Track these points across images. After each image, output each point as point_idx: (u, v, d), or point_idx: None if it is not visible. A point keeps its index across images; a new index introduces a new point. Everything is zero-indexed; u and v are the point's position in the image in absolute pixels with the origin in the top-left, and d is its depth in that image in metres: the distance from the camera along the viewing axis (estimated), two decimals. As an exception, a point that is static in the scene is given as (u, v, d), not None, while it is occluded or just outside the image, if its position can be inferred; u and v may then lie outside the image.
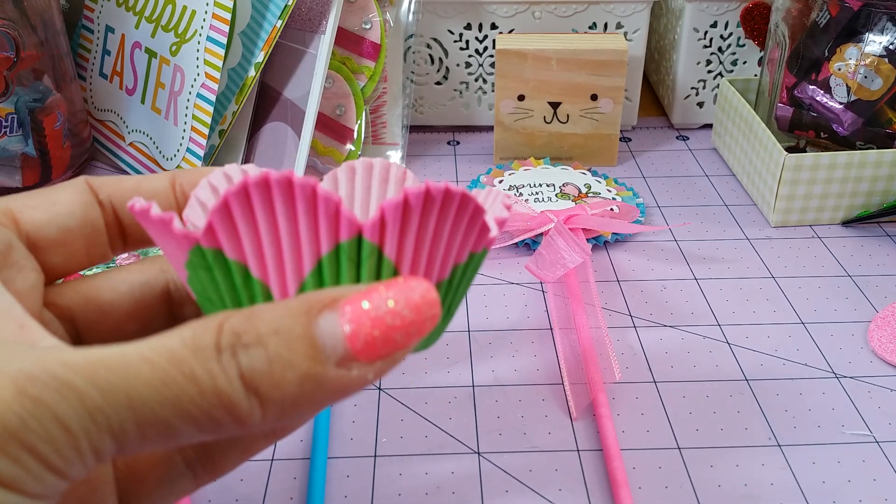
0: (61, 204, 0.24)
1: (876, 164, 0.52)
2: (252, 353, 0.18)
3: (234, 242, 0.20)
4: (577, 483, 0.36)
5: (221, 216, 0.20)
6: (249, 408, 0.18)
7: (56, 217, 0.24)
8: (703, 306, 0.47)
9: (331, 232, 0.20)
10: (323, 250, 0.20)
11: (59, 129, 0.57)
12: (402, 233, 0.20)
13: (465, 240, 0.21)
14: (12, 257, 0.23)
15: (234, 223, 0.20)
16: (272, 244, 0.20)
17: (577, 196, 0.56)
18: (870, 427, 0.39)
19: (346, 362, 0.19)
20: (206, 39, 0.54)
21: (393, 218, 0.20)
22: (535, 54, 0.58)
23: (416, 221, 0.20)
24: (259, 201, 0.20)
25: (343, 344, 0.18)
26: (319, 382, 0.18)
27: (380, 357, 0.19)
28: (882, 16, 0.51)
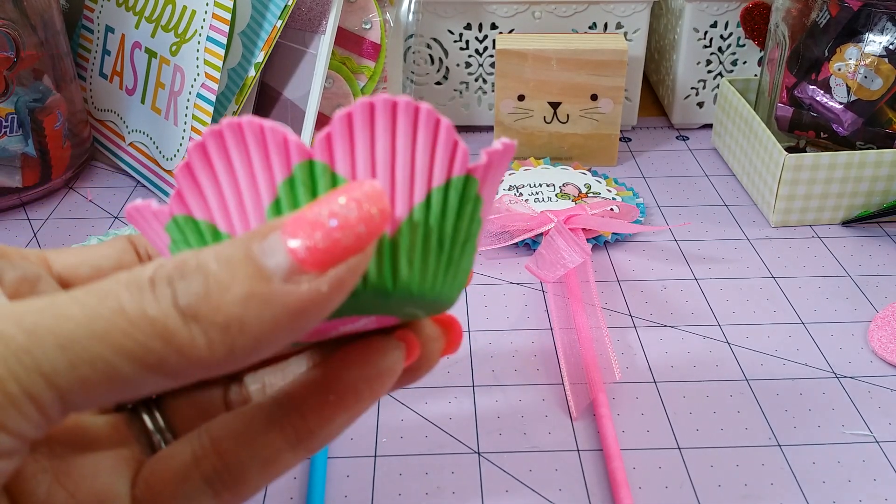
0: (94, 250, 0.25)
1: (876, 164, 0.52)
2: (189, 280, 0.17)
3: (199, 201, 0.20)
4: (578, 483, 0.36)
5: (185, 176, 0.20)
6: (189, 335, 0.17)
7: (89, 258, 0.24)
8: (704, 306, 0.47)
9: (283, 162, 0.19)
10: (278, 178, 0.19)
11: (59, 129, 0.57)
12: (352, 147, 0.19)
13: (432, 158, 0.20)
14: (40, 287, 0.23)
15: (197, 180, 0.20)
16: (233, 193, 0.20)
17: (578, 196, 0.56)
18: (870, 427, 0.39)
19: (294, 276, 0.17)
20: (206, 39, 0.54)
21: (340, 132, 0.19)
22: (535, 54, 0.58)
23: (366, 134, 0.19)
24: (216, 151, 0.19)
25: (285, 256, 0.17)
26: (266, 300, 0.17)
27: (329, 264, 0.18)
28: (882, 16, 0.51)
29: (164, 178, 0.57)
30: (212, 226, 0.20)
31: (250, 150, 0.19)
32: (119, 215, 0.56)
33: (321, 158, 0.19)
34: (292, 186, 0.19)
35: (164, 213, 0.20)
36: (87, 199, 0.58)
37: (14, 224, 0.55)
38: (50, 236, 0.54)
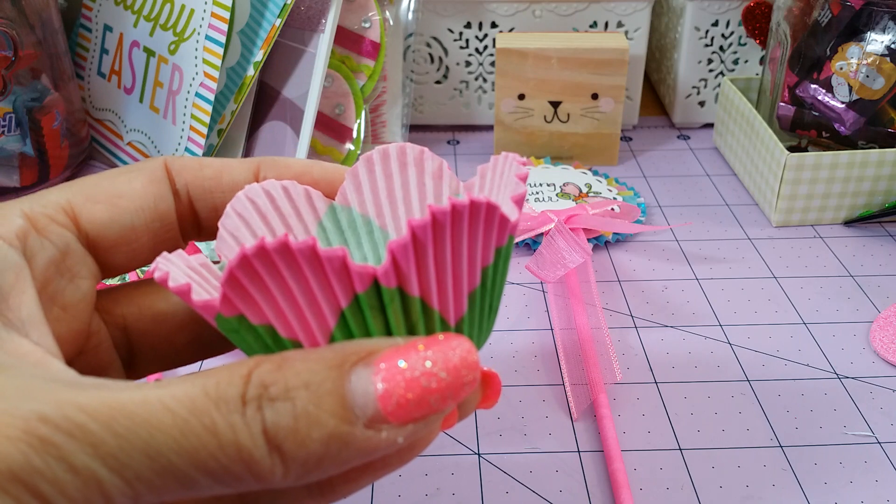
0: (128, 198, 0.23)
1: (878, 164, 0.52)
2: (278, 408, 0.17)
3: (253, 308, 0.19)
4: (578, 484, 0.36)
5: (233, 287, 0.19)
6: (271, 465, 0.17)
7: (121, 215, 0.23)
8: (705, 306, 0.47)
9: (344, 287, 0.19)
10: (342, 304, 0.19)
11: (58, 129, 0.57)
12: (420, 267, 0.19)
13: (486, 243, 0.20)
14: (67, 262, 0.22)
15: (248, 291, 0.19)
16: (291, 306, 0.19)
17: (578, 196, 0.56)
18: (872, 428, 0.38)
19: (376, 423, 0.18)
20: (205, 38, 0.54)
21: (404, 257, 0.19)
22: (536, 53, 0.58)
23: (429, 251, 0.19)
24: (264, 269, 0.19)
25: (374, 404, 0.18)
26: (346, 443, 0.17)
27: (412, 420, 0.18)
28: (884, 15, 0.51)
29: (163, 177, 0.57)
30: (270, 328, 0.20)
31: (305, 272, 0.19)
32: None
33: (387, 284, 0.19)
34: (360, 309, 0.19)
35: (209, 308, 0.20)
36: (85, 199, 0.58)
37: (12, 224, 0.55)
38: (48, 236, 0.54)
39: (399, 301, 0.19)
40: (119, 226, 0.23)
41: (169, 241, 0.24)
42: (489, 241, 0.20)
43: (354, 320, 0.19)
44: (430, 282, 0.19)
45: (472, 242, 0.20)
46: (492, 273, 0.21)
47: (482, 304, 0.21)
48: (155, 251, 0.24)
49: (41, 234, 0.21)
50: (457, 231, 0.19)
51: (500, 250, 0.21)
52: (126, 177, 0.23)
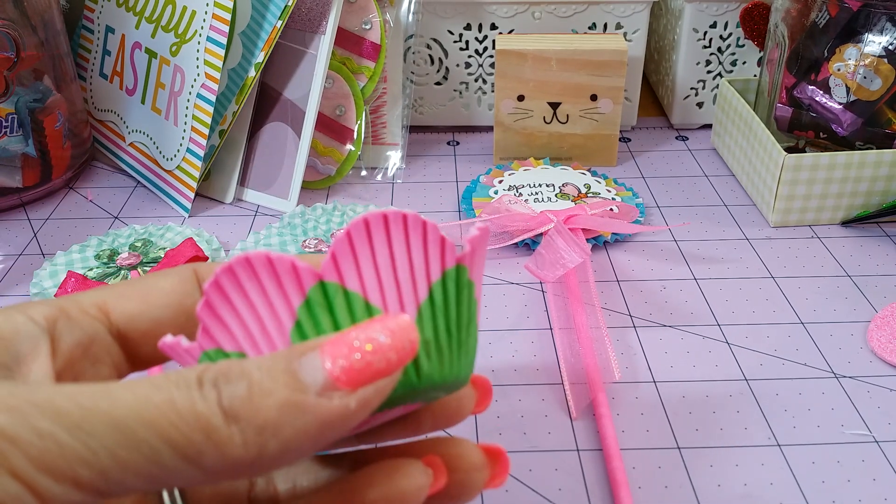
0: (157, 294, 0.25)
1: (875, 165, 0.52)
2: (233, 385, 0.19)
3: (226, 334, 0.22)
4: (577, 483, 0.36)
5: (208, 313, 0.21)
6: (229, 433, 0.18)
7: (150, 309, 0.25)
8: (703, 306, 0.47)
9: (296, 287, 0.21)
10: (295, 304, 0.21)
11: (60, 130, 0.58)
12: (357, 262, 0.21)
13: (427, 257, 0.22)
14: (93, 350, 0.24)
15: (220, 316, 0.21)
16: (256, 322, 0.21)
17: (577, 196, 0.56)
18: (869, 427, 0.39)
19: (327, 390, 0.19)
20: (207, 40, 0.54)
21: (342, 251, 0.21)
22: (535, 55, 0.58)
23: (365, 250, 0.21)
24: (231, 286, 0.21)
25: (323, 373, 0.19)
26: (300, 409, 0.19)
27: (360, 384, 0.19)
28: (881, 16, 0.51)
29: (165, 178, 0.57)
30: (242, 354, 0.22)
31: (263, 281, 0.21)
32: (119, 215, 0.56)
33: (331, 278, 0.21)
34: (310, 309, 0.21)
35: (195, 349, 0.22)
36: (87, 200, 0.58)
37: (14, 224, 0.55)
38: (50, 236, 0.54)
39: (342, 297, 0.21)
40: (148, 319, 0.25)
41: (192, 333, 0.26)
42: (430, 256, 0.22)
43: (307, 323, 0.21)
44: (370, 279, 0.21)
45: (410, 252, 0.22)
46: (442, 293, 0.22)
47: (435, 323, 0.22)
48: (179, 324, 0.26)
49: (71, 321, 0.23)
50: (389, 236, 0.21)
51: (447, 272, 0.22)
52: (157, 278, 0.26)
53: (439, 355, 0.22)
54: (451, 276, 0.23)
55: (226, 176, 0.58)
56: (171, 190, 0.57)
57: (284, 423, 0.19)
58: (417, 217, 0.22)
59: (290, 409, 0.19)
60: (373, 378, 0.20)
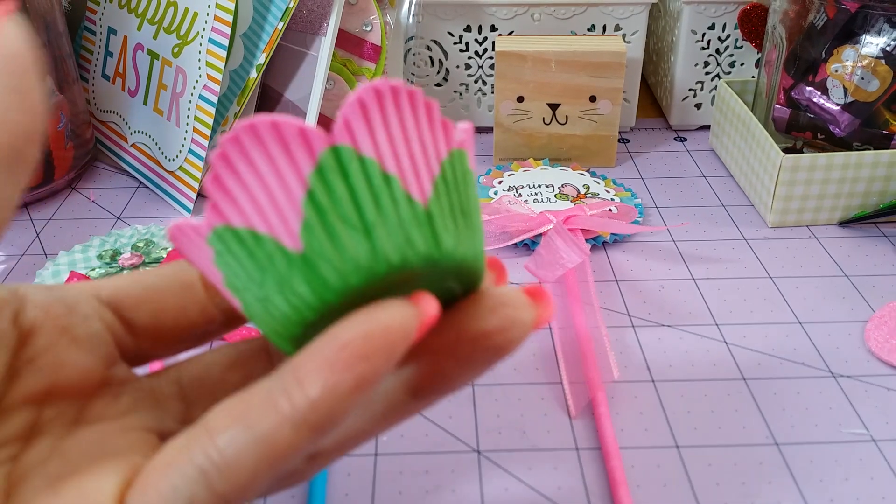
0: (149, 271, 0.25)
1: (873, 165, 0.52)
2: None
3: (234, 208, 0.20)
4: (577, 481, 0.36)
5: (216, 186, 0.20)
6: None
7: (143, 278, 0.25)
8: (701, 306, 0.47)
9: (306, 151, 0.20)
10: (306, 171, 0.20)
11: (62, 130, 0.58)
12: (370, 129, 0.20)
13: (433, 134, 0.21)
14: (79, 308, 0.24)
15: (227, 188, 0.20)
16: (265, 193, 0.20)
17: (576, 197, 0.56)
18: (867, 426, 0.39)
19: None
20: (208, 41, 0.54)
21: (354, 116, 0.20)
22: (535, 56, 0.59)
23: (377, 116, 0.20)
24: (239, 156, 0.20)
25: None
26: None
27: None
28: (879, 17, 0.52)
29: (167, 178, 0.58)
30: (251, 230, 0.20)
31: (270, 148, 0.20)
32: (121, 216, 0.56)
33: (344, 141, 0.20)
34: (322, 175, 0.20)
35: (203, 227, 0.21)
36: (89, 200, 0.58)
37: (17, 224, 0.56)
38: (53, 236, 0.54)
39: (357, 162, 0.20)
40: (140, 287, 0.25)
41: (196, 302, 0.25)
42: (435, 133, 0.21)
43: (320, 191, 0.20)
44: (382, 145, 0.20)
45: (417, 124, 0.21)
46: (451, 171, 0.21)
47: (449, 197, 0.21)
48: (181, 311, 0.25)
49: (50, 289, 0.24)
50: (399, 106, 0.20)
51: (454, 152, 0.22)
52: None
53: (456, 230, 0.21)
54: (456, 157, 0.22)
55: (227, 177, 0.58)
56: (173, 190, 0.57)
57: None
58: (422, 94, 0.21)
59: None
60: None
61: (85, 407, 0.23)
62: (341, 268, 0.20)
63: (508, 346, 0.22)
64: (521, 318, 0.22)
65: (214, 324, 0.26)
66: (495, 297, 0.22)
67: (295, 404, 0.19)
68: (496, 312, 0.22)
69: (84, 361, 0.23)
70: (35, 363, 0.23)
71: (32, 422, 0.22)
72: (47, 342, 0.23)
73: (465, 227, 0.22)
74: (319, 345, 0.20)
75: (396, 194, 0.20)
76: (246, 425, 0.19)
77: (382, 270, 0.20)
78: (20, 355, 0.22)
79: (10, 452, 0.22)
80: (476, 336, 0.22)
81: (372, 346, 0.19)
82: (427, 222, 0.21)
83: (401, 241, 0.20)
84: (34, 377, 0.22)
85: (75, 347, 0.23)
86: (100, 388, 0.24)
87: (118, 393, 0.24)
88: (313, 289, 0.20)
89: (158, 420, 0.24)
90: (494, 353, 0.22)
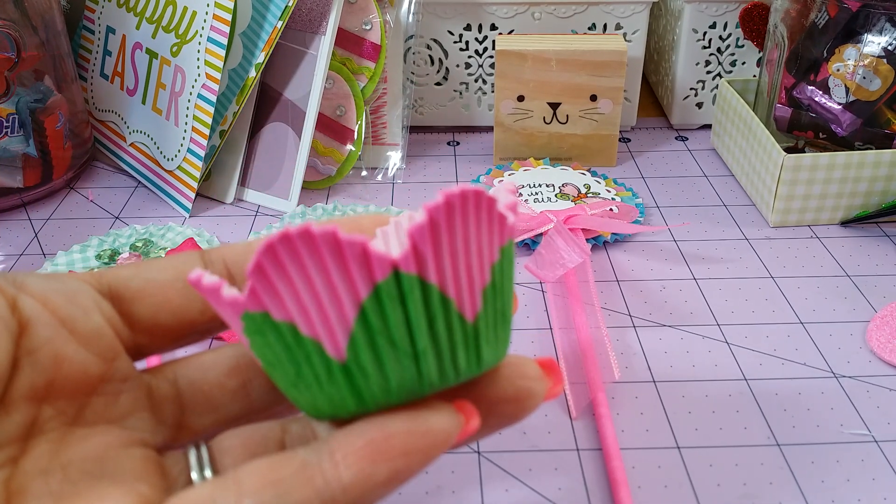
0: (152, 263, 0.25)
1: (874, 165, 0.52)
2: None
3: (277, 302, 0.20)
4: (577, 482, 0.36)
5: (259, 277, 0.19)
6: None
7: (144, 271, 0.25)
8: (702, 306, 0.47)
9: (365, 276, 0.19)
10: (362, 295, 0.19)
11: (61, 130, 0.58)
12: (437, 253, 0.19)
13: (490, 237, 0.21)
14: (79, 298, 0.23)
15: (272, 283, 0.19)
16: (312, 298, 0.19)
17: (577, 196, 0.56)
18: (868, 426, 0.39)
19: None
20: (207, 40, 0.54)
21: (422, 241, 0.19)
22: (535, 55, 0.58)
23: (445, 236, 0.19)
24: (288, 257, 0.19)
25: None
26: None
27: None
28: (881, 16, 0.52)
29: (165, 178, 0.58)
30: (292, 326, 0.20)
31: (326, 260, 0.19)
32: (120, 215, 0.56)
33: (408, 270, 0.19)
34: (380, 300, 0.19)
35: (239, 305, 0.20)
36: (88, 200, 0.58)
37: (15, 224, 0.55)
38: (51, 236, 0.54)
39: (419, 290, 0.19)
40: (142, 279, 0.25)
41: (197, 300, 0.25)
42: (492, 235, 0.21)
43: (374, 314, 0.19)
44: (446, 269, 0.20)
45: (478, 233, 0.20)
46: (499, 272, 0.21)
47: (495, 304, 0.21)
48: (182, 307, 0.25)
49: (49, 278, 0.23)
50: (465, 218, 0.20)
51: (504, 249, 0.21)
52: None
53: (496, 339, 0.21)
54: (506, 254, 0.22)
55: (226, 176, 0.58)
56: (172, 190, 0.57)
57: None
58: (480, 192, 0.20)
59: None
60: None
61: (84, 406, 0.23)
62: (385, 387, 0.20)
63: (519, 415, 0.23)
64: (536, 391, 0.24)
65: (215, 322, 0.25)
66: (513, 367, 0.24)
67: (328, 483, 0.20)
68: (514, 383, 0.23)
69: (84, 356, 0.23)
70: (34, 356, 0.22)
71: (31, 420, 0.22)
72: (47, 335, 0.22)
73: (503, 331, 0.22)
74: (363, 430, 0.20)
75: (451, 318, 0.20)
76: (277, 493, 0.20)
77: (425, 392, 0.20)
78: (20, 345, 0.22)
79: (10, 454, 0.21)
80: (492, 402, 0.23)
81: (413, 444, 0.20)
82: (473, 339, 0.21)
83: (447, 364, 0.20)
84: (34, 371, 0.22)
85: (75, 341, 0.23)
86: (100, 385, 0.23)
87: (118, 391, 0.24)
88: (354, 396, 0.20)
89: (155, 426, 0.24)
90: (506, 420, 0.23)
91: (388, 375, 0.20)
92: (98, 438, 0.22)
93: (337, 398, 0.20)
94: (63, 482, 0.21)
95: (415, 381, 0.20)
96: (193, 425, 0.25)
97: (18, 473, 0.21)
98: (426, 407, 0.21)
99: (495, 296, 0.21)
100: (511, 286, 0.23)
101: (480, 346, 0.21)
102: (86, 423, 0.23)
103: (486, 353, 0.21)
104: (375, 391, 0.20)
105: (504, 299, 0.22)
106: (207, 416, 0.25)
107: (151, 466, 0.23)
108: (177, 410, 0.25)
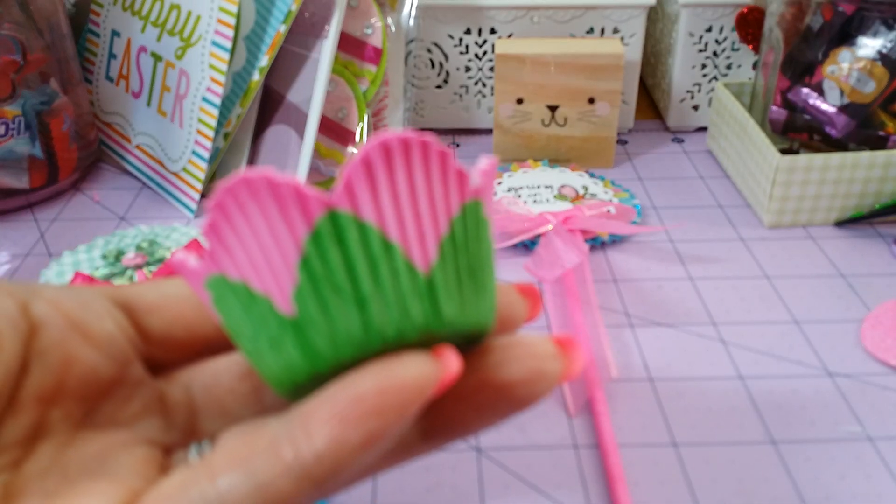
0: (168, 280, 0.25)
1: (868, 166, 0.53)
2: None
3: (230, 260, 0.20)
4: (575, 479, 0.36)
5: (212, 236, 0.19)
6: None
7: (160, 285, 0.24)
8: (699, 306, 0.47)
9: (303, 216, 0.19)
10: (302, 235, 0.19)
11: (66, 132, 0.58)
12: (374, 193, 0.19)
13: (445, 189, 0.20)
14: (92, 306, 0.23)
15: (224, 238, 0.19)
16: (259, 249, 0.19)
17: (575, 197, 0.57)
18: (863, 424, 0.39)
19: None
20: (211, 44, 0.55)
21: (356, 179, 0.18)
22: (534, 58, 0.59)
23: (383, 177, 0.19)
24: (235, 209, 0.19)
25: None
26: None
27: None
28: (875, 20, 0.52)
29: (170, 179, 0.58)
30: (246, 286, 0.20)
31: (267, 206, 0.19)
32: (125, 216, 0.57)
33: (344, 207, 0.19)
34: (318, 241, 0.19)
35: (201, 272, 0.20)
36: (93, 201, 0.59)
37: (22, 225, 0.56)
38: (57, 237, 0.54)
39: (356, 229, 0.19)
40: (157, 293, 0.24)
41: (212, 317, 0.25)
42: (448, 187, 0.20)
43: (315, 258, 0.19)
44: (386, 211, 0.19)
45: (428, 182, 0.19)
46: (461, 228, 0.20)
47: (456, 260, 0.20)
48: (196, 323, 0.25)
49: (60, 288, 0.23)
50: (408, 163, 0.19)
51: (466, 206, 0.21)
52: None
53: (461, 298, 0.20)
54: (470, 211, 0.20)
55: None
56: (177, 191, 0.58)
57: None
58: (436, 143, 0.19)
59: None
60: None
61: (94, 409, 0.23)
62: (333, 340, 0.19)
63: (531, 399, 0.21)
64: (549, 371, 0.21)
65: (229, 340, 0.25)
66: (522, 345, 0.21)
67: (299, 455, 0.19)
68: (523, 363, 0.21)
69: (95, 359, 0.23)
70: (44, 357, 0.22)
71: (38, 422, 0.22)
72: (58, 336, 0.22)
73: (473, 289, 0.21)
74: (332, 393, 0.19)
75: (397, 264, 0.19)
76: (248, 471, 0.19)
77: (376, 345, 0.19)
78: (30, 347, 0.22)
79: (13, 457, 0.21)
80: (499, 386, 0.21)
81: (386, 401, 0.18)
82: (428, 292, 0.20)
83: (397, 314, 0.19)
84: (44, 372, 0.22)
85: (87, 344, 0.23)
86: (111, 388, 0.23)
87: (130, 396, 0.24)
88: (305, 355, 0.20)
89: (165, 430, 0.24)
90: (516, 405, 0.21)
91: (336, 325, 0.19)
92: (104, 439, 0.22)
93: (290, 360, 0.20)
94: (61, 481, 0.21)
95: (363, 332, 0.19)
96: (205, 430, 0.25)
97: (19, 476, 0.21)
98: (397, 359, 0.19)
99: (456, 251, 0.20)
100: (485, 250, 0.21)
101: (438, 300, 0.20)
102: (94, 425, 0.23)
103: (448, 310, 0.20)
104: (324, 347, 0.19)
105: (472, 259, 0.21)
106: (219, 420, 0.25)
107: (152, 463, 0.22)
108: (189, 415, 0.25)
